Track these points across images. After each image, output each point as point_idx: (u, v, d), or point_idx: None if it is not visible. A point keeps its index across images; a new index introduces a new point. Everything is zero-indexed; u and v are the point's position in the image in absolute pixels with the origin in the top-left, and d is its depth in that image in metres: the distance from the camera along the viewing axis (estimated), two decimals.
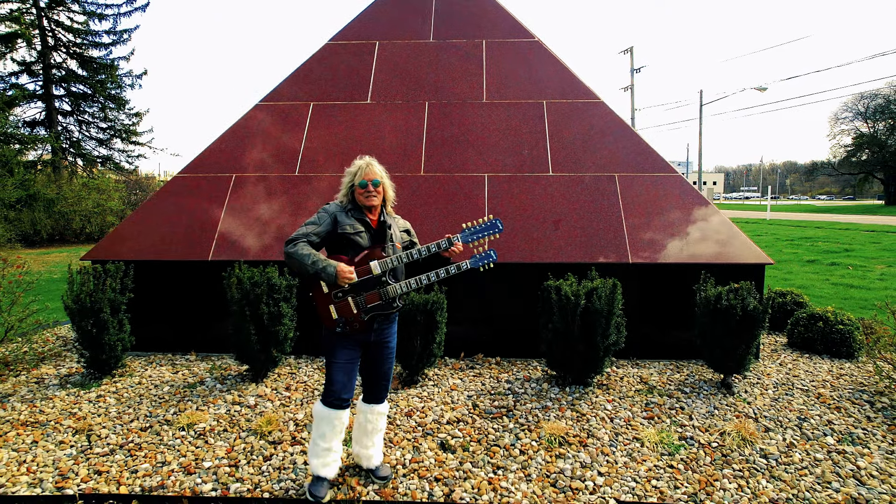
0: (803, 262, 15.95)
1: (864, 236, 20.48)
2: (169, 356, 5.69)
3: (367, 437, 3.47)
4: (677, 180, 5.96)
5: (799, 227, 25.14)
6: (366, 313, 3.20)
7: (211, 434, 4.09)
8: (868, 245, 18.22)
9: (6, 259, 5.18)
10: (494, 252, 3.38)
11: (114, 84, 29.50)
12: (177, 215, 5.92)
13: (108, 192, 26.34)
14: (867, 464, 3.78)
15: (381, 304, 3.21)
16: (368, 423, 3.45)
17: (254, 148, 6.36)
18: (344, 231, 3.19)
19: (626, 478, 3.60)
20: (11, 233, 19.66)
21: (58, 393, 4.73)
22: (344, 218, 3.23)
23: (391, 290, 3.20)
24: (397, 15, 7.38)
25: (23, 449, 3.91)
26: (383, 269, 3.17)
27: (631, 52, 34.68)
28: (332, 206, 3.33)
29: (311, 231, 3.19)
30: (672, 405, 4.50)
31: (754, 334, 4.56)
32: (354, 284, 3.15)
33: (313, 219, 3.26)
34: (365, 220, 3.26)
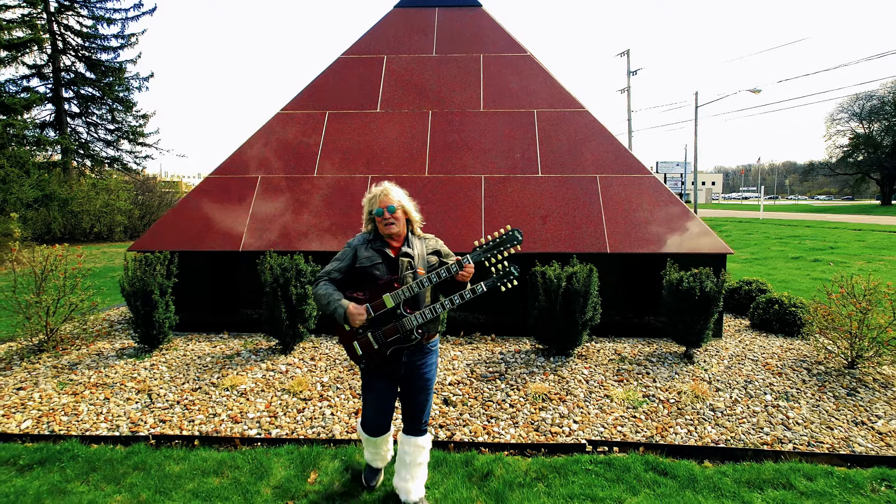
0: (788, 258, 16.77)
1: (850, 235, 21.29)
2: (205, 335, 6.50)
3: (406, 470, 3.33)
4: (652, 181, 6.78)
5: (789, 227, 25.95)
6: (386, 347, 3.12)
7: (251, 393, 4.91)
8: (853, 243, 19.03)
9: (66, 249, 5.98)
10: (516, 268, 3.17)
11: (122, 87, 30.30)
12: (210, 211, 6.74)
13: (117, 192, 27.19)
14: (795, 414, 4.60)
15: (400, 336, 3.10)
16: (407, 455, 3.32)
17: (277, 152, 7.18)
18: (362, 265, 3.15)
19: (596, 425, 4.42)
20: (28, 232, 20.49)
21: (117, 362, 5.55)
22: (363, 251, 3.18)
23: (407, 322, 3.08)
24: (403, 31, 8.20)
25: (98, 404, 4.74)
26: (396, 301, 3.04)
27: (627, 54, 35.49)
28: (357, 238, 3.29)
29: (334, 268, 3.20)
30: (639, 371, 5.33)
31: (711, 311, 5.38)
32: (372, 319, 3.09)
33: (338, 254, 3.27)
34: (384, 250, 3.17)
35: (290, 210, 6.71)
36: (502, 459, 3.97)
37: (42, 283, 5.73)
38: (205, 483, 3.73)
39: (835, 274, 6.09)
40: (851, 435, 4.34)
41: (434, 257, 3.30)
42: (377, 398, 3.25)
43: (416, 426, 3.32)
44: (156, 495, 3.59)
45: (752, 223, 28.76)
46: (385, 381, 3.22)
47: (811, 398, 4.87)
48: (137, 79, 30.95)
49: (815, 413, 4.63)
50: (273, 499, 3.56)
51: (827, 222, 28.44)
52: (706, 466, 3.94)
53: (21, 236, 20.08)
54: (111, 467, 3.90)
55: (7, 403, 4.77)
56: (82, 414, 4.59)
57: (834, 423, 4.50)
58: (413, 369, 3.21)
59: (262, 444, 4.19)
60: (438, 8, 8.38)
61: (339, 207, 6.70)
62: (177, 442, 4.24)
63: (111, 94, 29.83)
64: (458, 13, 8.36)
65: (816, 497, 3.61)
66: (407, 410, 3.32)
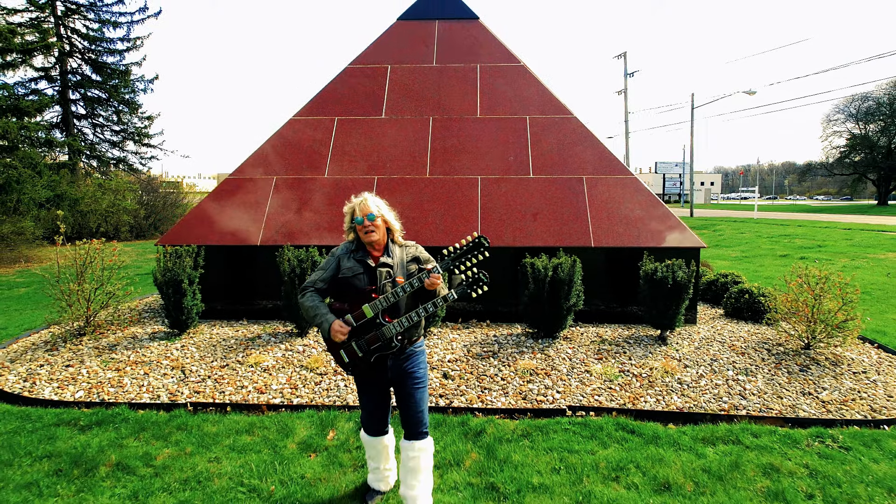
0: (776, 256, 17.43)
1: (839, 234, 21.95)
2: (226, 322, 7.16)
3: (411, 476, 3.35)
4: (633, 181, 7.44)
5: (782, 226, 26.59)
6: (370, 355, 3.23)
7: (273, 369, 5.58)
8: (841, 241, 19.69)
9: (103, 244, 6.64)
10: (485, 274, 3.25)
11: (127, 89, 30.96)
12: (230, 209, 7.40)
13: (122, 192, 27.87)
14: (752, 387, 5.27)
15: (381, 344, 3.21)
16: (409, 460, 3.33)
17: (290, 155, 7.85)
18: (344, 275, 3.27)
19: (576, 394, 5.09)
20: (39, 231, 21.18)
21: (151, 344, 6.22)
22: (345, 261, 3.30)
23: (386, 330, 3.18)
24: (406, 42, 8.87)
25: (139, 378, 5.41)
26: (375, 311, 3.15)
27: (625, 56, 36.14)
28: (341, 248, 3.41)
29: (319, 277, 3.31)
30: (617, 351, 5.99)
31: (682, 298, 6.05)
32: (354, 329, 3.20)
33: (322, 264, 3.39)
34: (366, 261, 3.28)
35: (302, 208, 7.37)
36: (493, 421, 4.64)
37: (82, 274, 6.39)
38: (239, 440, 4.40)
39: (793, 265, 6.73)
40: (798, 403, 5.01)
41: (413, 265, 3.34)
42: (371, 399, 3.42)
43: (415, 430, 3.33)
44: (199, 448, 4.26)
45: (746, 223, 29.40)
46: (375, 385, 3.38)
47: (767, 374, 5.53)
48: (143, 81, 31.61)
49: (769, 385, 5.30)
50: (298, 452, 4.23)
51: (819, 222, 29.09)
52: (669, 427, 4.61)
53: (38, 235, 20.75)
54: (157, 427, 4.56)
55: (59, 378, 5.43)
56: (126, 386, 5.26)
57: (784, 393, 5.17)
58: (401, 372, 3.30)
59: (286, 410, 4.86)
60: (438, 21, 9.06)
61: None
62: (211, 409, 4.90)
63: (117, 96, 30.49)
64: (456, 25, 9.03)
65: (759, 450, 4.28)
66: (404, 414, 3.34)
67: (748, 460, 4.13)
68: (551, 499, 3.66)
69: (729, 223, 29.71)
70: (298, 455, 4.18)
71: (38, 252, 21.37)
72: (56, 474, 3.97)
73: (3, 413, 4.83)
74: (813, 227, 25.61)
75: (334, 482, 3.84)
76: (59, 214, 10.89)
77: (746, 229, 25.71)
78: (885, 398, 5.15)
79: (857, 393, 5.23)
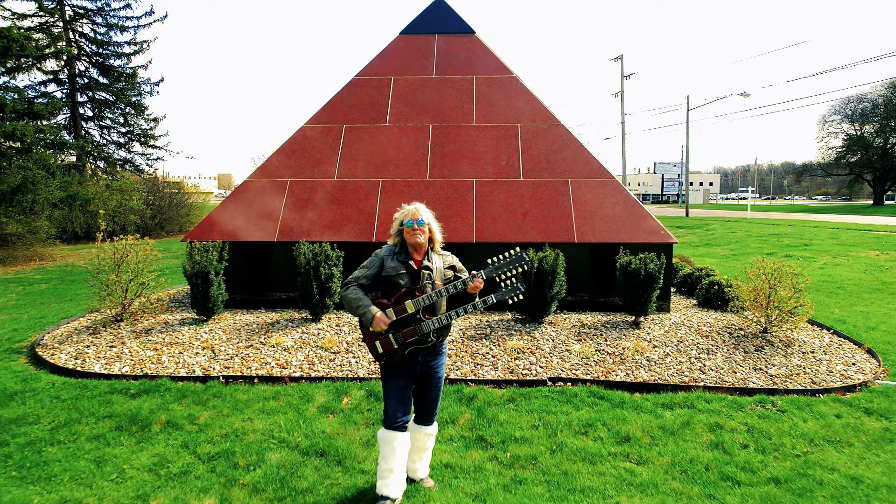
0: (763, 254, 18.19)
1: (827, 233, 22.74)
2: (245, 310, 7.96)
3: (416, 453, 3.85)
4: (613, 184, 8.25)
5: (773, 225, 27.38)
6: (405, 347, 3.55)
7: (292, 349, 6.38)
8: (827, 240, 20.49)
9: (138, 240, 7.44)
10: (523, 284, 3.64)
11: (134, 91, 31.71)
12: (249, 208, 8.21)
13: (129, 192, 28.68)
14: (711, 363, 6.07)
15: (418, 338, 3.53)
16: (417, 440, 3.81)
17: (303, 159, 8.66)
18: (388, 274, 3.59)
19: (556, 369, 5.89)
20: (53, 230, 22.02)
21: (182, 328, 7.02)
22: (389, 262, 3.63)
23: (425, 325, 3.51)
24: (408, 55, 9.68)
25: (175, 356, 6.22)
26: (417, 307, 3.48)
27: (621, 59, 36.94)
28: (384, 249, 3.73)
29: (362, 275, 3.63)
30: (595, 334, 6.80)
31: (653, 287, 6.85)
32: (394, 322, 3.51)
33: (366, 262, 3.70)
34: (408, 262, 3.60)
35: (315, 207, 8.18)
36: (484, 389, 5.45)
37: (119, 266, 7.19)
38: (267, 405, 5.20)
39: (753, 259, 7.51)
40: (749, 377, 5.81)
41: (450, 272, 3.72)
42: (397, 387, 3.64)
43: (427, 418, 3.84)
44: (233, 411, 5.07)
45: (739, 222, 30.20)
46: (403, 377, 3.64)
47: (726, 353, 6.34)
48: (149, 84, 32.38)
49: (726, 363, 6.11)
50: (318, 413, 5.03)
51: (810, 222, 29.88)
52: (635, 396, 5.41)
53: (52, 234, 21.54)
54: (196, 395, 5.37)
55: (105, 356, 6.24)
56: (165, 363, 6.06)
57: (739, 369, 5.97)
58: (427, 368, 3.68)
59: (306, 381, 5.67)
60: (438, 35, 9.87)
61: (355, 205, 8.18)
62: (240, 381, 5.71)
63: (124, 98, 31.20)
64: (454, 39, 9.84)
65: (709, 412, 5.08)
66: (420, 405, 3.82)
67: (698, 420, 4.94)
68: (530, 447, 4.47)
69: (722, 223, 30.51)
70: (318, 416, 4.99)
71: (52, 251, 22.19)
72: (117, 429, 4.77)
73: (64, 384, 5.64)
74: (803, 226, 26.40)
75: (350, 435, 4.64)
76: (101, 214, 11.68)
77: (738, 229, 26.50)
78: (826, 373, 5.95)
79: (802, 369, 6.03)
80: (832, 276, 14.30)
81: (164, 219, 31.61)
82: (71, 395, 5.38)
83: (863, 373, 6.00)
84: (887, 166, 52.07)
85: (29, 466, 4.25)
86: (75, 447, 4.52)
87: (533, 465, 4.25)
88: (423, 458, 3.93)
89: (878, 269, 14.84)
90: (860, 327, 8.21)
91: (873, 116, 52.96)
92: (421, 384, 3.75)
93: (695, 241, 23.70)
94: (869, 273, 14.32)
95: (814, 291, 12.37)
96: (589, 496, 3.85)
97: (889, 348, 6.99)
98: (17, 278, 16.32)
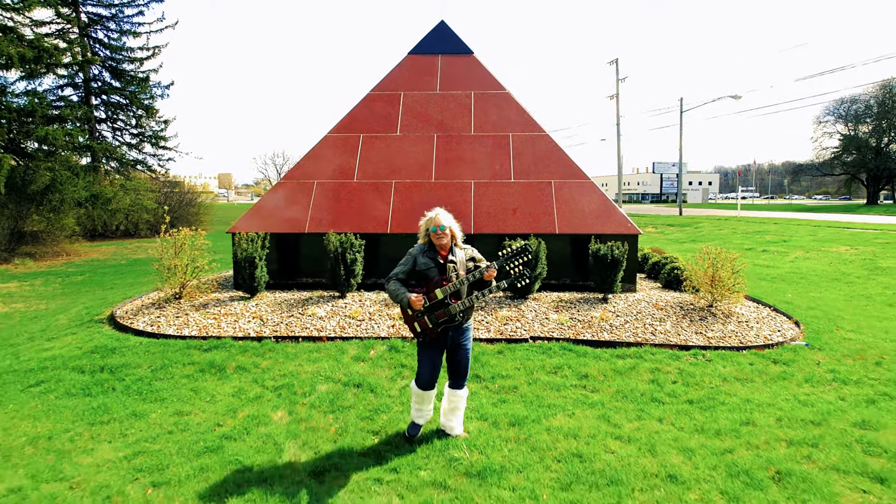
0: (743, 249, 19.86)
1: (807, 230, 24.36)
2: (279, 291, 9.59)
3: (451, 413, 4.80)
4: (590, 185, 9.88)
5: (760, 223, 29.02)
6: (437, 326, 4.46)
7: (325, 318, 8.01)
8: (806, 237, 22.11)
9: (193, 230, 9.08)
10: (529, 270, 4.88)
11: (146, 94, 33.22)
12: (282, 205, 9.85)
13: (143, 192, 30.30)
14: (661, 328, 7.70)
15: (447, 319, 4.45)
16: (450, 402, 4.77)
17: (327, 163, 10.30)
18: (420, 268, 4.51)
19: (537, 331, 7.52)
20: (78, 227, 23.73)
21: (232, 303, 8.66)
22: (420, 258, 4.52)
23: (452, 308, 4.40)
24: (415, 73, 11.32)
25: (232, 323, 7.85)
26: (444, 294, 4.37)
27: (616, 63, 38.58)
28: (416, 248, 4.61)
29: (400, 270, 4.55)
30: (570, 307, 8.43)
31: (618, 269, 8.48)
32: (427, 307, 4.41)
33: (402, 260, 4.61)
34: (436, 258, 4.51)
35: (338, 204, 9.81)
36: (479, 345, 7.08)
37: (178, 252, 8.81)
38: (311, 356, 6.82)
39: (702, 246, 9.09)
40: (690, 339, 7.43)
41: (470, 262, 4.59)
42: (430, 362, 4.60)
43: (458, 382, 4.74)
44: (286, 360, 6.70)
45: (729, 220, 31.85)
46: (435, 350, 4.60)
47: (675, 321, 7.97)
48: (160, 87, 33.92)
49: (674, 328, 7.73)
50: (352, 361, 6.66)
51: (797, 220, 31.49)
52: (596, 350, 7.03)
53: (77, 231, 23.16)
54: (255, 350, 6.99)
55: (175, 323, 7.87)
56: (224, 328, 7.70)
57: (683, 332, 7.60)
58: (456, 342, 4.61)
59: (340, 340, 7.29)
60: (441, 55, 11.51)
61: (372, 202, 9.81)
62: (287, 340, 7.34)
63: (137, 101, 32.72)
64: (455, 59, 11.48)
65: (653, 361, 6.70)
66: (452, 372, 4.73)
67: (643, 366, 6.56)
68: (512, 381, 6.10)
69: (712, 221, 32.16)
70: (352, 363, 6.62)
71: (77, 247, 23.86)
72: (201, 371, 6.41)
73: (148, 342, 7.27)
74: (788, 224, 28.02)
75: (378, 375, 6.28)
76: (166, 209, 13.26)
77: (726, 226, 28.15)
78: (754, 336, 7.56)
79: (736, 333, 7.65)
80: (799, 268, 15.93)
81: (176, 216, 33.09)
82: (157, 350, 7.01)
83: (783, 337, 7.61)
84: (881, 166, 53.72)
85: (145, 393, 5.89)
86: (173, 382, 6.16)
87: (514, 392, 5.89)
88: (457, 417, 4.84)
89: (842, 262, 16.45)
90: (802, 307, 9.82)
91: (867, 117, 54.59)
92: (451, 355, 4.69)
93: (682, 237, 25.35)
94: (833, 266, 15.95)
95: (778, 281, 14.03)
96: (553, 409, 5.48)
97: (816, 322, 8.59)
98: (51, 271, 18.00)
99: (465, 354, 4.69)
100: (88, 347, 7.24)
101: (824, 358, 6.90)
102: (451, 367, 4.75)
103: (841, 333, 7.94)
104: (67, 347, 7.34)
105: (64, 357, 6.96)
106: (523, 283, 4.61)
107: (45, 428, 5.18)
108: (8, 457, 4.69)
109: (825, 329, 8.12)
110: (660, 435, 4.95)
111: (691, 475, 4.30)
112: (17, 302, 12.51)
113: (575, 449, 4.68)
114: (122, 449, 4.79)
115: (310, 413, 5.41)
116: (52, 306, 11.56)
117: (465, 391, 4.81)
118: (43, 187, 21.01)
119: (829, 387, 6.08)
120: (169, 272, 8.77)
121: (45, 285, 15.23)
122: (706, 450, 4.69)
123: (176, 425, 5.21)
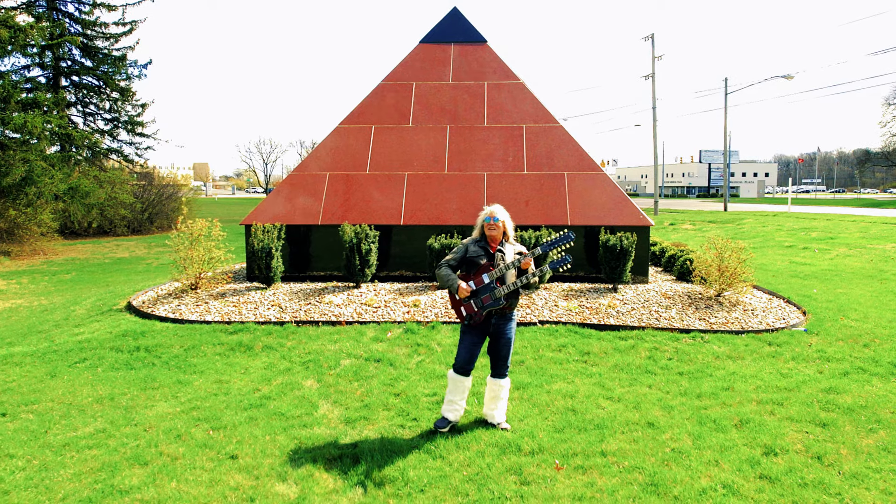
0: (783, 247, 21.55)
1: (859, 227, 25.97)
2: (294, 281, 11.41)
3: (493, 402, 5.64)
4: (603, 177, 11.67)
5: (810, 220, 30.62)
6: (483, 310, 5.31)
7: (342, 305, 9.84)
8: (855, 234, 23.73)
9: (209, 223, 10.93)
10: (569, 256, 5.50)
11: (122, 75, 34.80)
12: (295, 197, 11.70)
13: (119, 185, 31.63)
14: (667, 315, 9.46)
15: (492, 303, 5.28)
16: (492, 391, 5.61)
17: (339, 156, 12.16)
18: (471, 256, 5.43)
19: (546, 316, 9.31)
20: (56, 224, 25.68)
21: (249, 293, 10.51)
22: (472, 248, 5.45)
23: (497, 292, 5.26)
24: (427, 63, 13.16)
25: (252, 310, 9.71)
26: (490, 279, 5.27)
27: (652, 38, 40.24)
28: (469, 239, 5.56)
29: (452, 258, 5.47)
30: (580, 295, 10.23)
31: (627, 260, 10.26)
32: (474, 291, 5.31)
33: (455, 248, 5.57)
34: (486, 248, 5.43)
35: (351, 195, 11.65)
36: None
37: (194, 244, 10.67)
38: (331, 337, 8.65)
39: (711, 237, 10.81)
40: (693, 324, 9.18)
41: (519, 256, 5.39)
42: (469, 346, 5.46)
43: (500, 371, 5.59)
44: (310, 340, 8.52)
45: (776, 216, 33.48)
46: (476, 336, 5.47)
47: (680, 308, 9.73)
48: (136, 66, 35.52)
49: (678, 315, 9.49)
50: (371, 341, 8.47)
51: (850, 216, 33.03)
52: (600, 332, 8.80)
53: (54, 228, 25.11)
54: (279, 332, 8.83)
55: (197, 311, 9.74)
56: (245, 314, 9.55)
57: (686, 318, 9.35)
58: (499, 330, 5.48)
59: (358, 324, 9.12)
60: (453, 44, 13.35)
61: (385, 194, 11.65)
62: (308, 325, 9.18)
63: (112, 83, 34.36)
64: (468, 48, 13.32)
65: (652, 342, 8.46)
66: (494, 361, 5.57)
67: (642, 346, 8.33)
68: (520, 356, 7.90)
69: (758, 217, 33.79)
70: (371, 342, 8.44)
71: (53, 245, 25.84)
72: (231, 350, 8.25)
73: (175, 327, 9.13)
74: (840, 221, 29.61)
75: (396, 352, 8.09)
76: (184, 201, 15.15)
77: (772, 223, 29.80)
78: (757, 323, 9.30)
79: (738, 320, 9.39)
80: (837, 266, 17.62)
81: (155, 213, 34.78)
82: (185, 333, 8.86)
83: (786, 324, 9.33)
84: None
85: (183, 367, 7.74)
86: (207, 359, 8.00)
87: (521, 365, 7.68)
88: (499, 407, 5.67)
89: (883, 259, 18.09)
90: (821, 301, 11.52)
91: None
92: (493, 344, 5.55)
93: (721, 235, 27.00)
94: (872, 263, 17.61)
95: (811, 278, 15.74)
96: (555, 378, 7.27)
97: (824, 312, 10.29)
98: (34, 270, 20.02)
99: (508, 343, 5.59)
100: (118, 332, 9.10)
101: (817, 341, 8.63)
102: (492, 356, 5.67)
103: (844, 322, 9.65)
104: (98, 332, 9.21)
105: (98, 339, 8.82)
106: (564, 268, 5.78)
107: (105, 391, 7.02)
108: (83, 410, 6.53)
109: (831, 318, 9.83)
110: (646, 396, 6.72)
111: (667, 423, 6.06)
112: (14, 298, 14.46)
113: (570, 406, 6.45)
114: (177, 406, 6.62)
115: (336, 381, 7.22)
116: (57, 301, 13.49)
117: (507, 381, 5.71)
118: (18, 180, 22.85)
119: (813, 363, 7.82)
120: (185, 262, 10.63)
121: (34, 283, 17.23)
122: (685, 406, 6.45)
123: (219, 389, 7.03)
